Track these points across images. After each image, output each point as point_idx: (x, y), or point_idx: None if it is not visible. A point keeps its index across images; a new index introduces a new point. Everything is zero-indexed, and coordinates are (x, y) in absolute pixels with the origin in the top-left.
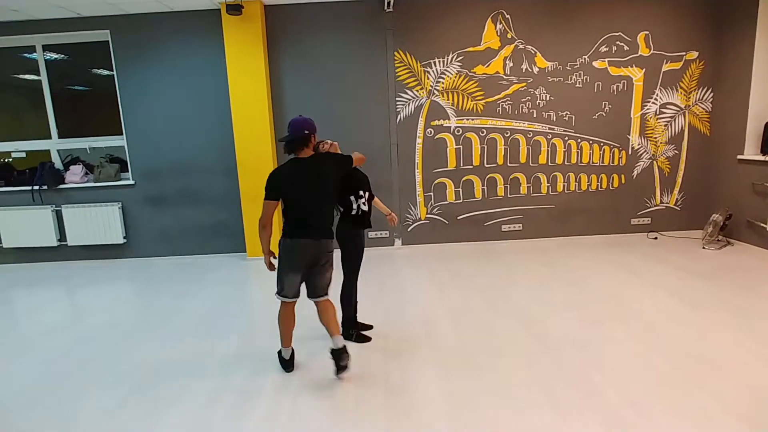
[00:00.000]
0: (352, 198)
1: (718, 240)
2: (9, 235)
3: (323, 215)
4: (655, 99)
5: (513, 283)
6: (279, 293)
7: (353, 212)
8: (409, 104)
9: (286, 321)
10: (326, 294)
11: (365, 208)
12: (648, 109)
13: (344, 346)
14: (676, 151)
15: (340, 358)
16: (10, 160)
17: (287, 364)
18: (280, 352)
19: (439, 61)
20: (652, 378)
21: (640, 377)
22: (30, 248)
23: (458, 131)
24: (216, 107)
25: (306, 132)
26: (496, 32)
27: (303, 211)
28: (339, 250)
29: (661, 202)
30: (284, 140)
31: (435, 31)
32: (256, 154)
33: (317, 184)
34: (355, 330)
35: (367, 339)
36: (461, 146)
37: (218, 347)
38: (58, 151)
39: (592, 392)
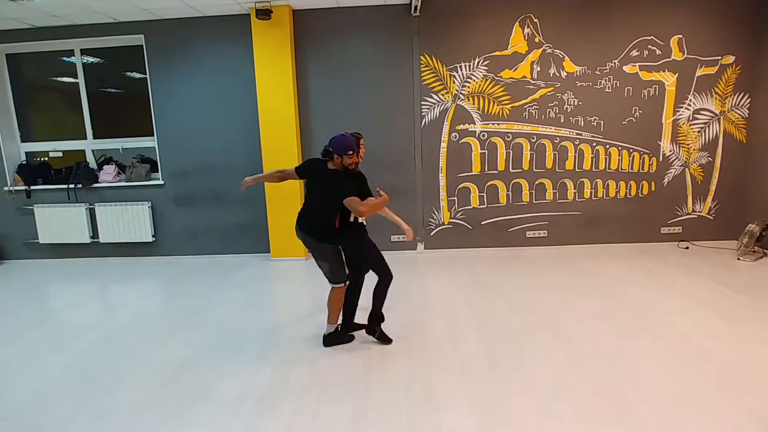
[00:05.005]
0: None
1: (754, 251)
2: (45, 232)
3: (315, 216)
4: (689, 104)
5: (539, 291)
6: None
7: (351, 220)
8: (434, 108)
9: (330, 300)
10: (332, 282)
11: (364, 221)
12: (680, 114)
13: (326, 336)
14: (709, 159)
15: (324, 340)
16: (46, 159)
17: (334, 338)
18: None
19: (466, 65)
20: (685, 393)
21: (673, 393)
22: (64, 244)
23: (483, 136)
24: (244, 109)
25: (330, 149)
26: (524, 36)
27: (306, 204)
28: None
29: (693, 210)
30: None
31: (462, 35)
32: (282, 156)
33: (323, 192)
34: (378, 328)
35: (388, 341)
36: (486, 151)
37: (243, 346)
38: (92, 151)
39: (622, 406)
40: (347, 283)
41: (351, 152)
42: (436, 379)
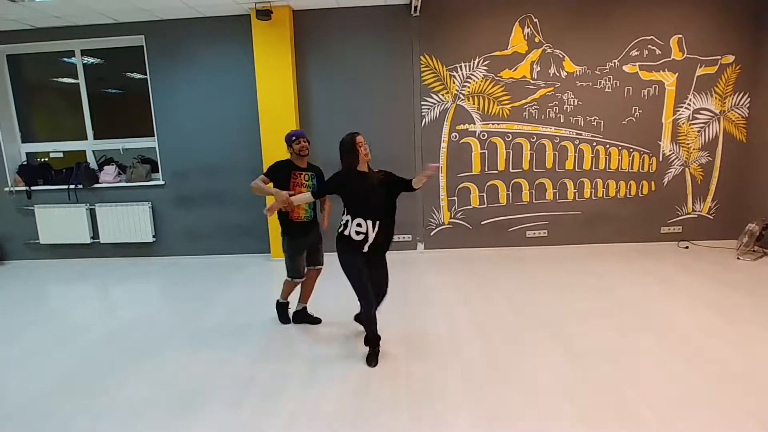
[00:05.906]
0: (348, 217)
1: (754, 251)
2: (46, 232)
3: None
4: (688, 104)
5: (539, 290)
6: None
7: (342, 230)
8: (434, 108)
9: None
10: (287, 274)
11: (356, 235)
12: (680, 114)
13: (294, 313)
14: (709, 158)
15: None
16: (46, 159)
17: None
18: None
19: (466, 65)
20: (685, 393)
21: (673, 392)
22: (65, 245)
23: (483, 135)
24: (244, 110)
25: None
26: (524, 36)
27: None
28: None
29: (693, 210)
30: None
31: (462, 35)
32: (282, 156)
33: None
34: (372, 349)
35: (373, 363)
36: (486, 151)
37: (243, 346)
38: (93, 151)
39: (622, 405)
40: (298, 282)
41: (294, 138)
42: (436, 379)
